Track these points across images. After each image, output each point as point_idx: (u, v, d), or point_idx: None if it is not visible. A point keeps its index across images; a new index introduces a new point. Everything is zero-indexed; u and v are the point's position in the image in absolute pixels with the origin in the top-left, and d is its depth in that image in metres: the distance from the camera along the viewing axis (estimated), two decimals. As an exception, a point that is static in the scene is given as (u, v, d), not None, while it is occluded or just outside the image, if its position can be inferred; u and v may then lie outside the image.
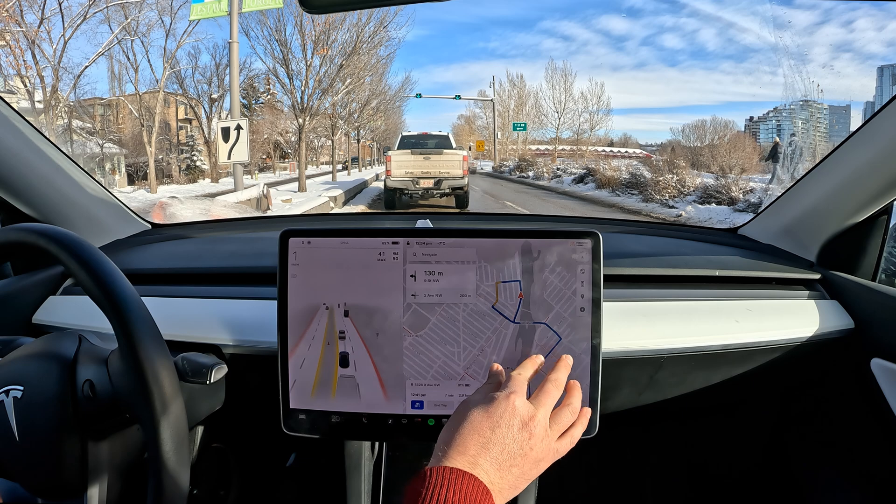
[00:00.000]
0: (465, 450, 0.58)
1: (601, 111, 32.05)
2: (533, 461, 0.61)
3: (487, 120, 37.21)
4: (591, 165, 19.58)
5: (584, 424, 0.68)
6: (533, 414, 0.62)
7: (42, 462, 0.70)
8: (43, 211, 1.12)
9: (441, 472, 0.55)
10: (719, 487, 1.44)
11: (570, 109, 32.60)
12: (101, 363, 0.72)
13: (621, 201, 15.14)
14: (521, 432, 0.60)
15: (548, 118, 33.55)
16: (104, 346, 0.77)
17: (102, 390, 0.70)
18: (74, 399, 0.70)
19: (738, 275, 1.09)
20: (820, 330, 1.00)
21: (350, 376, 0.76)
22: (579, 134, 32.37)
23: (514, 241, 0.75)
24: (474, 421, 0.60)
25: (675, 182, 14.22)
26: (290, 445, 1.39)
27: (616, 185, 16.78)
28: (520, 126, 33.50)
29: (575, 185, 18.96)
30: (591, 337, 0.75)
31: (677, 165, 14.96)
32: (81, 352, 0.73)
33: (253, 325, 0.94)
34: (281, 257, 0.77)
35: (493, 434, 0.59)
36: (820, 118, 21.71)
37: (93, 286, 0.66)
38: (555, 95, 33.15)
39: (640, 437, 1.50)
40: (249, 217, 1.99)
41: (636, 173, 16.17)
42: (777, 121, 18.75)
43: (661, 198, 14.11)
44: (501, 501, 0.58)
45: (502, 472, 0.58)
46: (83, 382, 0.70)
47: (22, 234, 0.69)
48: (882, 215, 1.04)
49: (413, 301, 0.76)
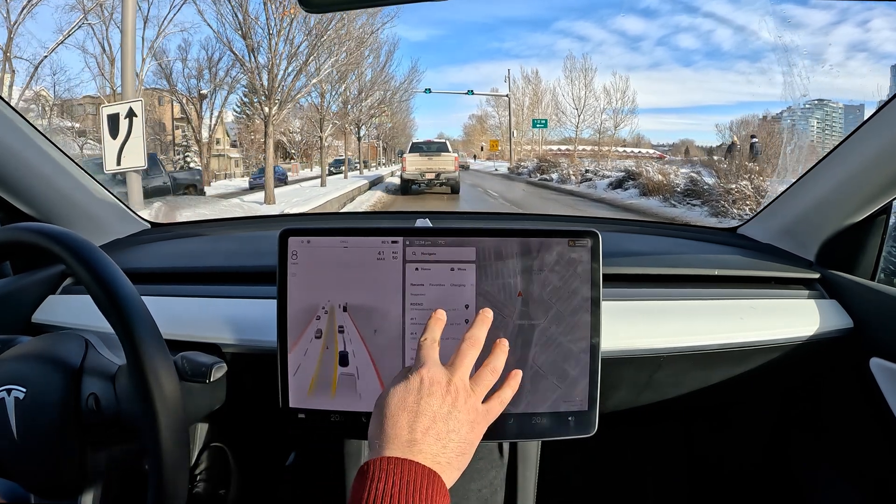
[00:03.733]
0: (397, 434, 0.57)
1: (625, 110, 29.19)
2: (467, 424, 0.60)
3: (500, 119, 35.36)
4: (629, 166, 15.97)
5: (515, 387, 0.68)
6: (449, 377, 0.61)
7: (40, 463, 0.70)
8: (42, 210, 1.12)
9: (378, 464, 0.54)
10: (719, 486, 1.44)
11: (590, 106, 29.67)
12: (107, 379, 0.72)
13: (682, 214, 11.34)
14: (445, 398, 0.59)
15: (566, 115, 30.55)
16: (110, 355, 0.77)
17: (107, 406, 0.70)
18: (77, 409, 0.70)
19: (738, 274, 1.09)
20: (819, 329, 1.00)
21: (349, 375, 0.76)
22: (601, 133, 29.38)
23: (513, 240, 0.75)
24: (398, 401, 0.59)
25: (752, 190, 10.34)
26: (290, 444, 1.39)
27: (667, 191, 12.96)
28: (540, 123, 30.98)
29: (612, 191, 15.24)
30: (590, 336, 0.75)
31: (750, 170, 11.04)
32: (88, 361, 0.73)
33: (253, 325, 0.94)
34: (280, 256, 0.77)
35: (419, 407, 0.58)
36: (835, 117, 21.59)
37: (94, 285, 0.66)
38: (574, 91, 30.09)
39: (639, 436, 1.50)
40: (249, 216, 1.99)
41: (695, 178, 12.24)
42: (791, 120, 18.44)
43: (738, 211, 10.26)
44: (454, 474, 0.58)
45: (442, 441, 0.57)
46: (88, 395, 0.70)
47: (22, 234, 0.69)
48: (881, 214, 1.04)
49: (412, 300, 0.76)
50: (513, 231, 0.75)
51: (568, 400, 0.75)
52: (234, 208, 11.93)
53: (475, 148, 38.61)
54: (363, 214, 6.16)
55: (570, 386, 0.75)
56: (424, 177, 16.07)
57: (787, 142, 14.12)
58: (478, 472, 1.01)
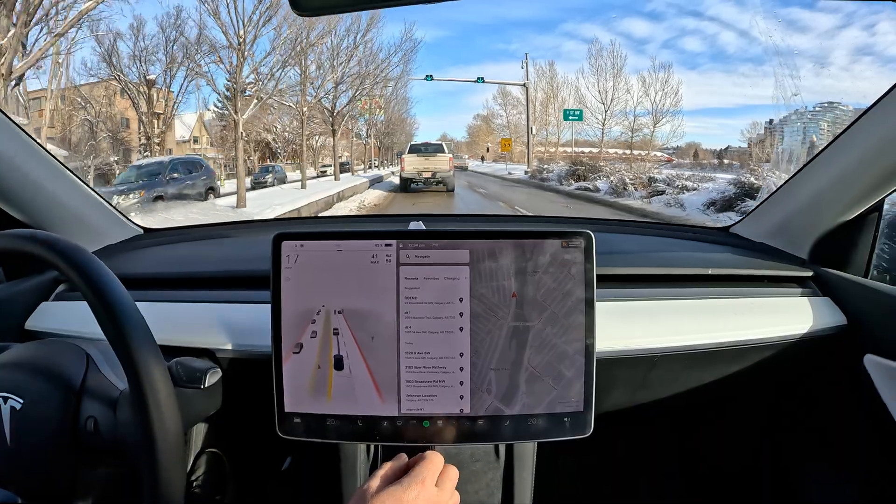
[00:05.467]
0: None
1: (666, 110, 23.78)
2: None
3: (509, 118, 31.02)
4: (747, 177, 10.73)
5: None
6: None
7: (32, 473, 0.69)
8: (34, 216, 1.12)
9: None
10: (715, 484, 1.45)
11: (619, 100, 24.27)
12: (108, 405, 0.72)
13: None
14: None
15: (592, 111, 24.90)
16: (111, 374, 0.76)
17: (106, 431, 0.70)
18: (75, 429, 0.70)
19: (731, 273, 1.10)
20: (813, 327, 1.00)
21: (345, 379, 0.76)
22: (634, 131, 24.13)
23: (506, 241, 0.75)
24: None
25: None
26: (286, 449, 1.39)
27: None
28: (573, 114, 25.15)
29: (717, 213, 10.15)
30: (584, 337, 0.75)
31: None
32: (89, 380, 0.73)
33: (247, 329, 0.93)
34: (274, 261, 0.76)
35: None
36: (845, 120, 21.45)
37: (87, 291, 0.65)
38: (600, 83, 24.58)
39: (634, 435, 1.51)
40: (242, 221, 1.98)
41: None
42: (802, 123, 18.18)
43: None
44: None
45: None
46: (87, 417, 0.70)
47: (14, 241, 0.69)
48: (873, 212, 1.05)
49: (406, 303, 0.76)
50: (506, 233, 0.75)
51: (563, 401, 0.75)
52: (208, 212, 11.58)
53: (481, 149, 35.43)
54: (356, 217, 6.16)
55: (566, 387, 0.75)
56: (421, 175, 17.15)
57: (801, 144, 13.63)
58: (474, 474, 1.01)
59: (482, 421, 0.75)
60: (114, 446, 0.71)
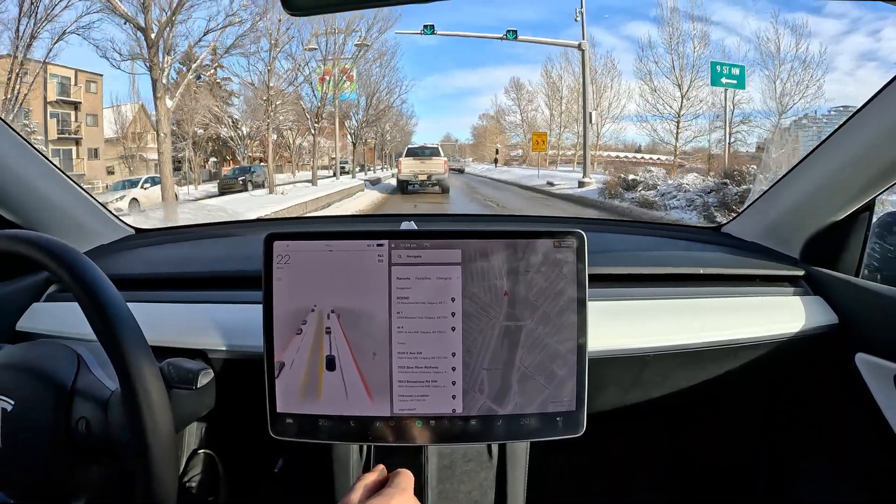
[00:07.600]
0: None
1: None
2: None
3: (523, 114, 26.62)
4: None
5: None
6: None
7: (24, 473, 0.69)
8: (26, 217, 1.11)
9: None
10: (708, 483, 1.45)
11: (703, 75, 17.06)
12: (100, 405, 0.71)
13: None
14: None
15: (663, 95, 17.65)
16: (102, 374, 0.76)
17: (98, 432, 0.70)
18: (67, 430, 0.70)
19: (723, 272, 1.10)
20: (804, 326, 1.01)
21: (337, 379, 0.76)
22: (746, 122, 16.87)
23: (498, 241, 0.75)
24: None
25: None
26: (278, 450, 1.38)
27: None
28: (728, 75, 16.35)
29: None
30: (576, 336, 0.75)
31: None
32: (80, 381, 0.73)
33: (239, 330, 0.93)
34: (265, 261, 0.76)
35: None
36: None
37: (78, 292, 0.65)
38: (673, 59, 17.34)
39: (627, 434, 1.51)
40: (234, 221, 1.98)
41: None
42: (818, 128, 17.54)
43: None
44: None
45: None
46: (79, 418, 0.70)
47: (6, 242, 0.69)
48: (864, 211, 1.05)
49: (398, 303, 0.76)
50: (498, 233, 0.75)
51: (556, 400, 0.75)
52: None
53: (488, 150, 30.57)
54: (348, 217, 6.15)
55: (558, 386, 0.75)
56: (417, 178, 17.83)
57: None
58: (467, 474, 1.01)
59: (475, 421, 0.75)
60: (106, 447, 0.70)
